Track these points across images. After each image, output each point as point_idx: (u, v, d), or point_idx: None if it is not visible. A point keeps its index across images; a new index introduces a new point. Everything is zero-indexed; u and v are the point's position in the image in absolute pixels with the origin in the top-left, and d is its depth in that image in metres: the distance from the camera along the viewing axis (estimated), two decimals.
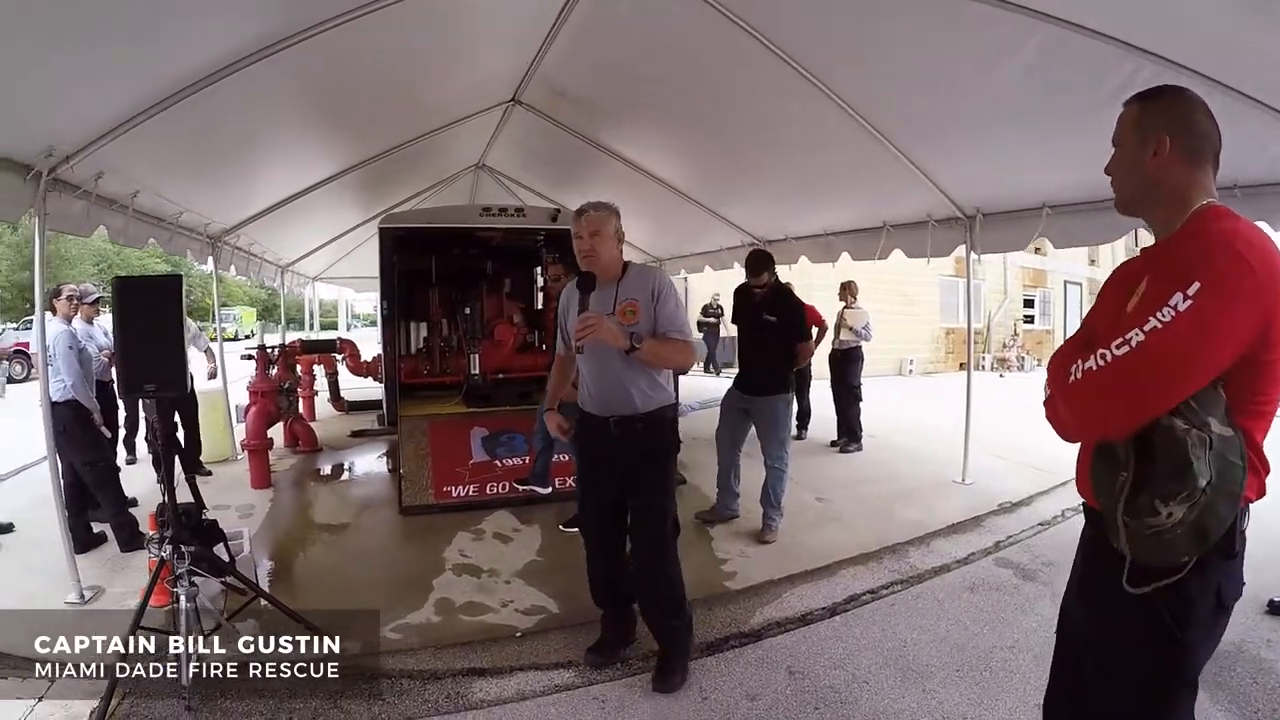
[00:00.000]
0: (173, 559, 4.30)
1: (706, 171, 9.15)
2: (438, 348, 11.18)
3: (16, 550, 6.72)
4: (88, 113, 5.12)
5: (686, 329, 4.15)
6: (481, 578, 5.78)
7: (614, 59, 6.84)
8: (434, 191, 11.97)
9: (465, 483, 7.88)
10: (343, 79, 6.39)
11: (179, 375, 4.48)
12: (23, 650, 4.54)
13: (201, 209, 8.38)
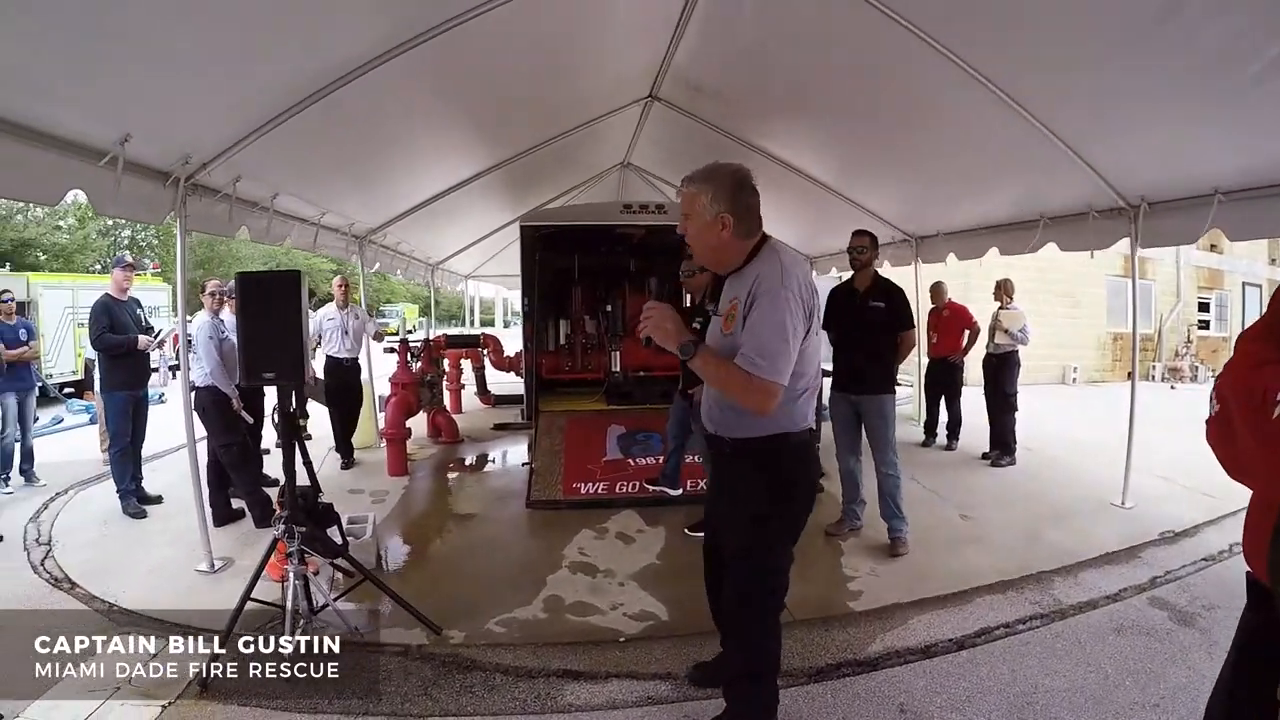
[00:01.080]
0: (285, 538, 4.54)
1: (849, 164, 8.73)
2: (580, 344, 11.17)
3: (162, 520, 7.32)
4: (222, 121, 5.42)
5: (769, 361, 2.92)
6: (596, 578, 5.63)
7: (745, 51, 6.57)
8: (581, 189, 12.00)
9: (596, 480, 7.76)
10: (476, 78, 6.41)
11: (297, 365, 4.57)
12: (149, 610, 5.30)
13: (344, 210, 8.70)
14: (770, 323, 2.94)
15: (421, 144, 7.80)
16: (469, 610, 5.07)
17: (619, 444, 8.57)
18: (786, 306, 2.95)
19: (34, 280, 17.95)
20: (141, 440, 7.89)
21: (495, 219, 12.39)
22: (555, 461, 8.23)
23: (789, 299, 2.97)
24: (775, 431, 3.18)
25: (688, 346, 3.06)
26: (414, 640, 4.70)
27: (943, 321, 9.92)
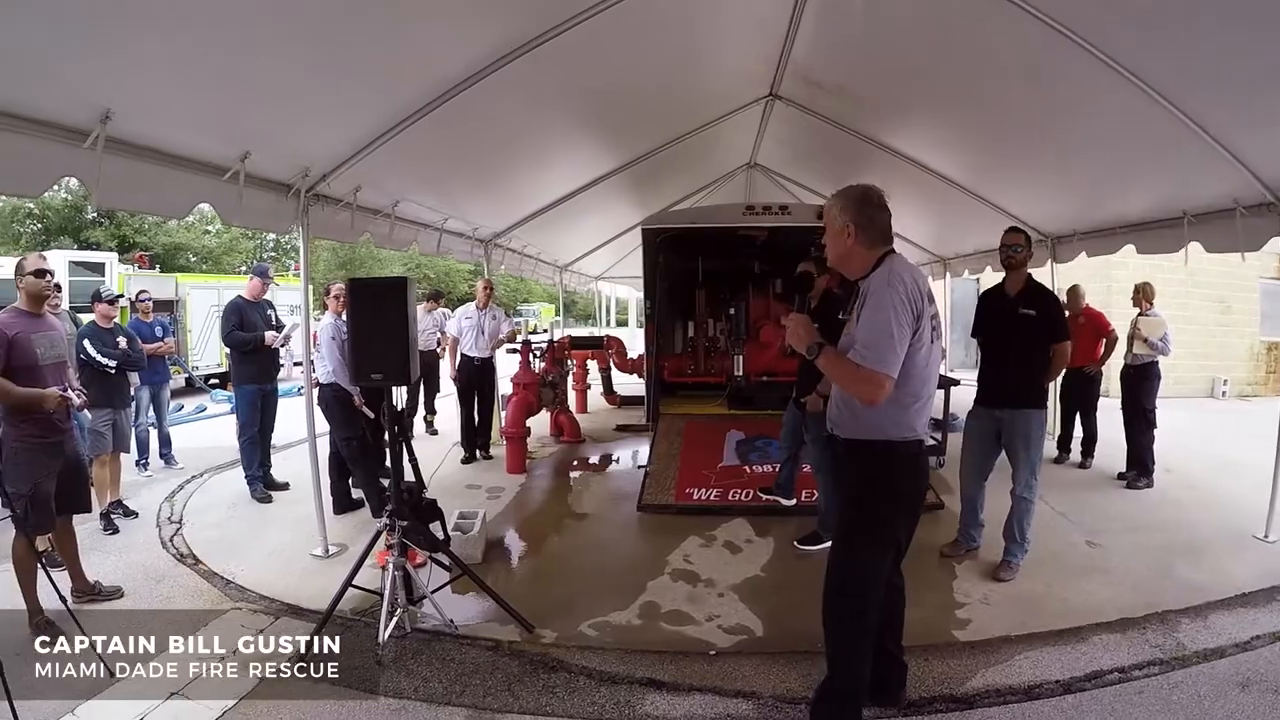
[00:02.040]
0: (388, 530, 4.74)
1: (980, 161, 8.25)
2: (702, 347, 11.07)
3: (286, 506, 7.79)
4: (340, 134, 5.72)
5: (874, 351, 3.24)
6: (696, 587, 5.52)
7: (863, 44, 6.33)
8: (708, 191, 11.82)
9: (709, 486, 7.63)
10: (594, 80, 6.41)
11: (404, 366, 4.73)
12: (262, 589, 5.68)
13: (468, 215, 8.90)
14: (876, 318, 3.25)
15: (543, 147, 7.86)
16: (565, 611, 5.09)
17: (737, 450, 8.48)
18: (890, 304, 3.24)
19: (182, 280, 19.23)
20: (270, 430, 8.35)
21: (623, 220, 12.32)
22: (670, 465, 8.20)
23: (893, 298, 3.26)
24: (883, 437, 3.44)
25: (814, 347, 3.45)
26: (506, 637, 4.76)
27: (1079, 329, 9.01)
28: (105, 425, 7.24)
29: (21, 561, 4.97)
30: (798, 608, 4.84)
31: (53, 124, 3.99)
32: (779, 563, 5.96)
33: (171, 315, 16.08)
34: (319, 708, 4.10)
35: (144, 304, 9.52)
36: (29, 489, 4.92)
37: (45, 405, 4.93)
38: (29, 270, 5.10)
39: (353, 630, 4.92)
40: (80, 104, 4.04)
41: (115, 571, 6.03)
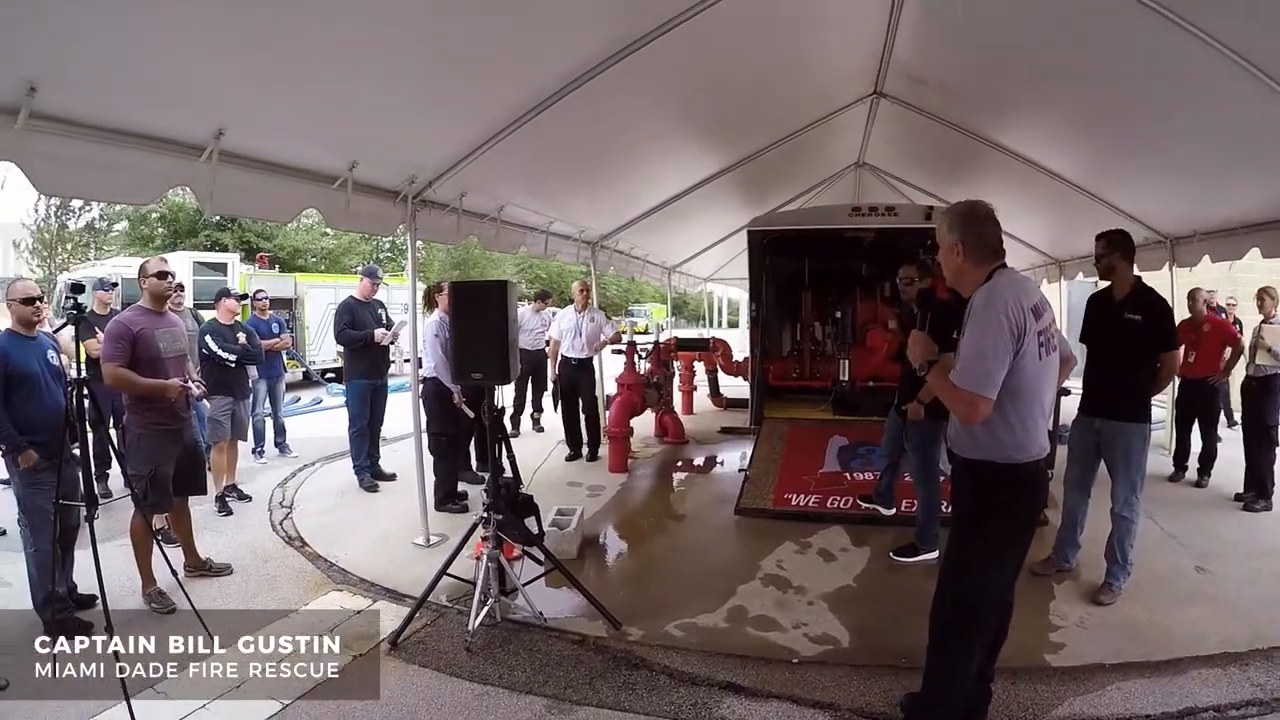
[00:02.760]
0: (484, 523, 4.92)
1: (1095, 158, 7.81)
2: (808, 351, 10.95)
3: (392, 496, 8.09)
4: (444, 143, 5.98)
5: (969, 372, 3.19)
6: (786, 593, 5.47)
7: (966, 38, 6.05)
8: (817, 191, 11.63)
9: (808, 492, 7.54)
10: (696, 81, 6.42)
11: (504, 367, 4.90)
12: (363, 572, 5.99)
13: (574, 217, 9.08)
14: (972, 339, 3.21)
15: (648, 149, 7.90)
16: (653, 610, 5.13)
17: (838, 456, 8.38)
18: (987, 325, 3.17)
19: (300, 280, 20.39)
20: (379, 423, 8.69)
21: (731, 222, 12.23)
22: (771, 469, 8.14)
23: (990, 317, 3.18)
24: (998, 458, 3.33)
25: (924, 365, 3.55)
26: (592, 632, 4.84)
27: (1202, 336, 8.53)
28: (224, 414, 7.69)
29: (139, 537, 5.36)
30: (887, 621, 4.79)
31: (169, 140, 4.33)
32: (873, 573, 5.85)
33: (290, 313, 16.81)
34: (407, 686, 4.30)
35: (261, 302, 10.03)
36: (149, 471, 5.28)
37: (167, 395, 5.31)
38: (152, 272, 5.52)
39: (445, 617, 5.14)
40: (196, 122, 4.38)
41: (226, 550, 6.41)
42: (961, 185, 9.25)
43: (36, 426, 4.95)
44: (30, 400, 5.00)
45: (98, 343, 6.17)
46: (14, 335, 5.08)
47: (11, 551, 5.99)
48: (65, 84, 3.65)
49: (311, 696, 4.20)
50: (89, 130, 3.97)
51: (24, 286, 5.27)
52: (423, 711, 4.06)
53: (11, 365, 4.95)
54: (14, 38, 3.27)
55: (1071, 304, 14.36)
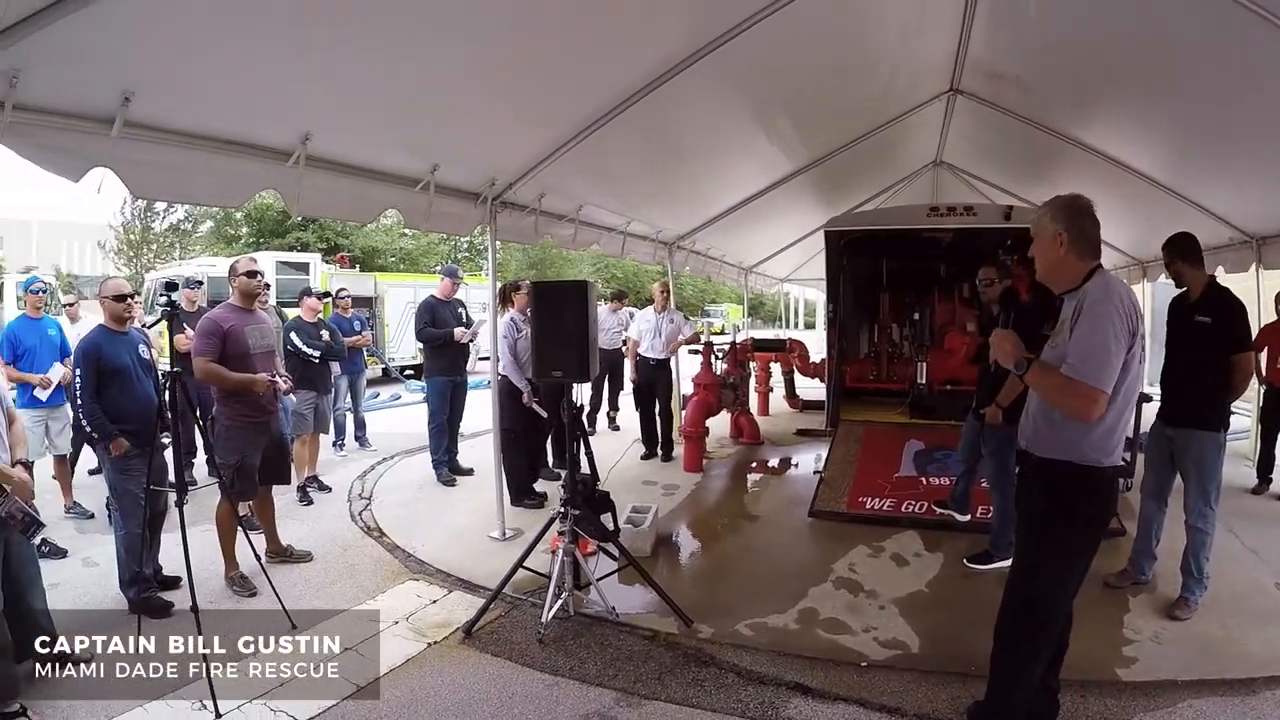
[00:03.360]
0: (561, 517, 5.03)
1: (1176, 154, 7.48)
2: (885, 353, 10.84)
3: (469, 490, 8.33)
4: (523, 146, 6.13)
5: (1091, 365, 3.09)
6: (858, 597, 5.44)
7: (1043, 31, 5.88)
8: (894, 191, 11.50)
9: (883, 495, 7.48)
10: (773, 81, 6.43)
11: (583, 365, 5.00)
12: (439, 563, 6.17)
13: (650, 218, 9.14)
14: (1093, 332, 3.13)
15: (724, 150, 7.89)
16: (725, 609, 5.16)
17: (914, 460, 8.29)
18: (1110, 319, 3.13)
19: (380, 279, 20.86)
20: (458, 420, 8.90)
21: (808, 222, 12.11)
22: (846, 472, 8.10)
23: (1112, 313, 3.14)
24: (1079, 460, 3.28)
25: (1022, 363, 3.36)
26: (664, 628, 4.89)
27: None
28: (308, 408, 7.99)
29: (224, 523, 5.60)
30: (958, 627, 4.74)
31: (257, 145, 4.55)
32: (945, 579, 5.78)
33: (370, 311, 17.18)
34: (480, 674, 4.43)
35: (343, 300, 10.34)
36: (236, 461, 5.51)
37: (255, 389, 5.52)
38: (242, 271, 5.76)
39: (519, 609, 5.26)
40: (283, 128, 4.58)
41: (307, 538, 6.64)
42: (1041, 183, 9.04)
43: (128, 416, 5.21)
44: (122, 392, 5.25)
45: (187, 338, 6.42)
46: (106, 331, 5.34)
47: (99, 534, 6.32)
48: (158, 93, 3.84)
49: (386, 680, 4.35)
50: (180, 136, 4.18)
51: (116, 284, 5.53)
52: (494, 698, 4.16)
53: (104, 359, 5.20)
54: (110, 49, 3.45)
55: (1155, 306, 13.97)
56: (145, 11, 3.29)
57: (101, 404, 5.19)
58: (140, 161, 4.01)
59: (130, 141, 3.87)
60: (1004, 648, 3.49)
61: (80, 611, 5.32)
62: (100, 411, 5.18)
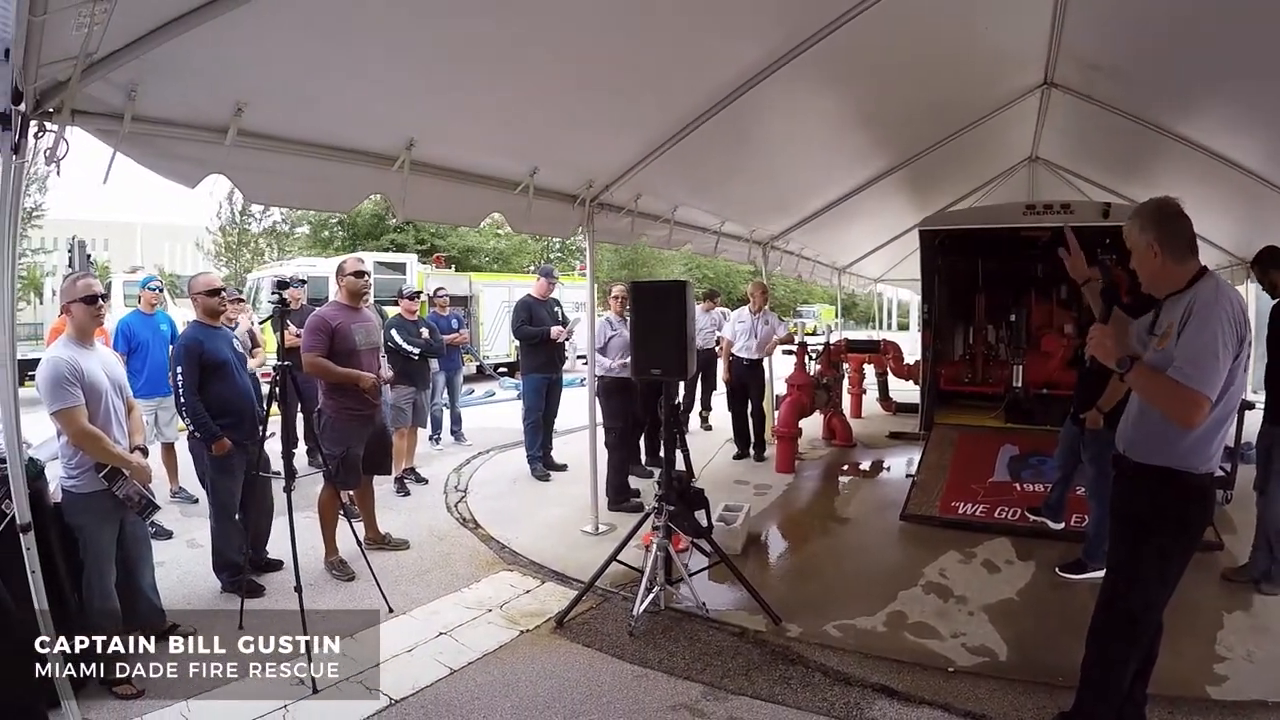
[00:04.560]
0: (656, 513, 5.10)
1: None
2: (981, 355, 10.65)
3: (563, 486, 8.52)
4: (619, 149, 6.26)
5: (1197, 370, 3.00)
6: (947, 602, 5.39)
7: (1140, 18, 5.70)
8: (988, 189, 11.17)
9: (976, 501, 7.36)
10: (863, 79, 6.40)
11: (681, 364, 5.09)
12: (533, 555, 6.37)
13: (744, 218, 9.17)
14: (1202, 337, 3.04)
15: (816, 149, 7.88)
16: (813, 609, 5.19)
17: (1009, 466, 8.16)
18: (1219, 324, 3.04)
19: (475, 279, 21.57)
20: (553, 416, 9.07)
21: (901, 222, 11.99)
22: (939, 476, 8.02)
23: (1222, 318, 3.06)
24: (1181, 466, 3.21)
25: (1124, 361, 3.21)
26: (752, 625, 4.94)
27: None
28: (406, 403, 8.29)
29: (326, 510, 5.87)
30: (1047, 637, 4.68)
31: (364, 152, 4.78)
32: (1036, 588, 5.67)
33: (465, 310, 17.57)
34: (570, 663, 4.54)
35: (441, 299, 10.67)
36: (341, 451, 5.75)
37: (361, 384, 5.73)
38: (349, 271, 6.02)
39: (610, 601, 5.37)
40: (388, 135, 4.80)
41: (404, 528, 6.88)
42: (1140, 179, 8.83)
43: (230, 409, 5.49)
44: (225, 385, 5.52)
45: (293, 334, 6.69)
46: (202, 325, 5.60)
47: (202, 518, 6.60)
48: (269, 103, 4.08)
49: (479, 665, 4.50)
50: (291, 144, 4.43)
51: (207, 279, 5.78)
52: (584, 686, 4.26)
53: (206, 353, 5.46)
54: (222, 63, 3.66)
55: (1259, 308, 13.38)
56: (256, 26, 3.47)
57: (205, 398, 5.44)
58: (253, 168, 4.27)
59: (243, 150, 4.12)
60: (1095, 653, 3.46)
61: (183, 589, 5.67)
62: (203, 408, 5.42)
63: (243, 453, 5.47)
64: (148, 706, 4.11)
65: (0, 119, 3.18)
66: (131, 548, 4.54)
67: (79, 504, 4.21)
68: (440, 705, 4.10)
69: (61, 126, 3.35)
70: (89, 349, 4.33)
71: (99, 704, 4.08)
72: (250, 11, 3.30)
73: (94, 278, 4.70)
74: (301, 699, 4.15)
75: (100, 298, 4.41)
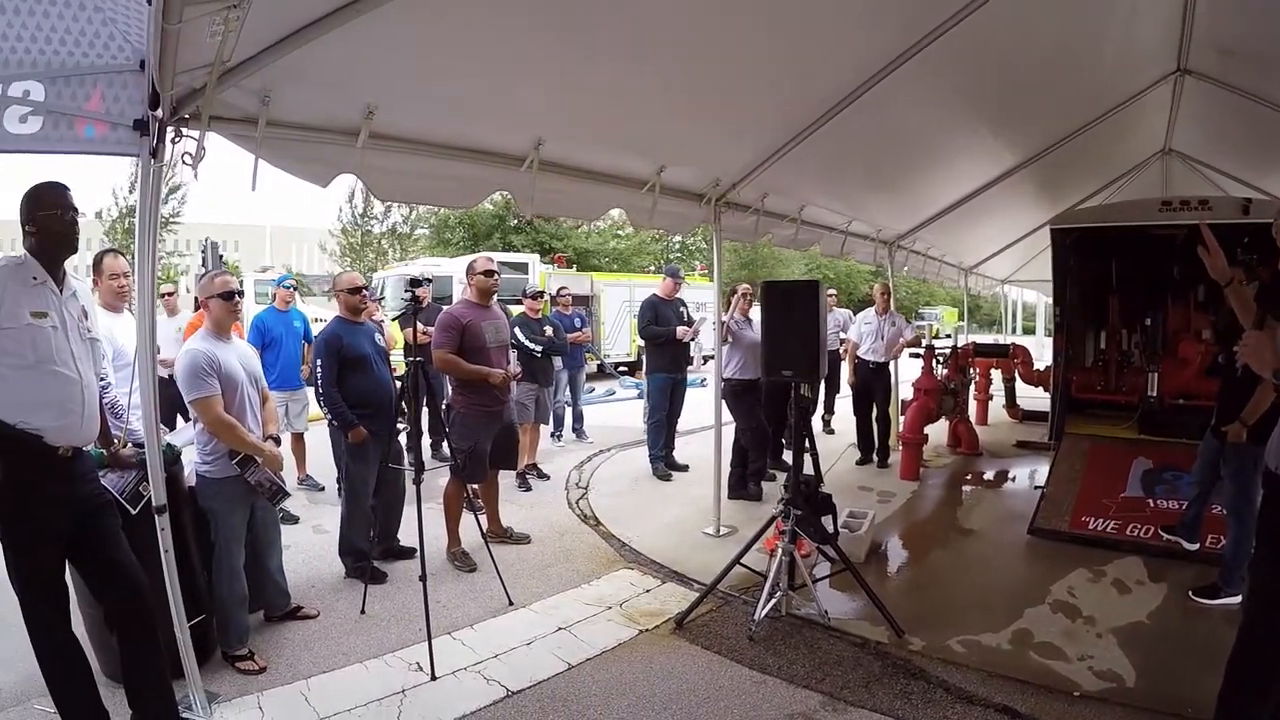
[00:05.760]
0: (782, 517, 5.06)
1: None
2: (1114, 362, 10.20)
3: (684, 486, 8.58)
4: (745, 148, 6.29)
5: None
6: (1075, 622, 5.19)
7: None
8: (1119, 185, 10.72)
9: (1107, 516, 7.06)
10: (988, 72, 6.23)
11: (813, 365, 5.06)
12: (653, 554, 6.45)
13: (871, 217, 9.10)
14: None
15: (940, 146, 7.74)
16: (936, 622, 5.09)
17: (1142, 480, 7.81)
18: None
19: (596, 279, 21.87)
20: (676, 416, 9.14)
21: (1029, 220, 11.66)
22: (1069, 489, 7.75)
23: None
24: None
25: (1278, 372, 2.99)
26: (874, 636, 4.88)
27: None
28: (530, 399, 8.53)
29: (451, 502, 6.10)
30: (1178, 666, 4.48)
31: (493, 151, 4.94)
32: (1168, 612, 5.39)
33: (587, 309, 17.81)
34: (689, 664, 4.57)
35: (564, 298, 10.94)
36: (469, 446, 5.92)
37: (491, 380, 5.89)
38: (479, 270, 6.19)
39: (730, 604, 5.37)
40: (518, 135, 4.94)
41: (525, 522, 7.05)
42: None
43: (368, 400, 5.73)
44: (364, 378, 5.77)
45: (423, 332, 6.93)
46: (343, 322, 5.87)
47: (328, 505, 6.94)
48: (399, 105, 4.24)
49: (597, 662, 4.57)
50: (421, 145, 4.61)
51: (350, 278, 6.07)
52: (702, 689, 4.27)
53: (345, 348, 5.72)
54: (352, 68, 3.82)
55: None
56: (385, 32, 3.60)
57: (343, 390, 5.70)
58: (384, 168, 4.46)
59: (374, 151, 4.29)
60: (1233, 683, 3.25)
61: (308, 572, 5.94)
62: (341, 399, 5.69)
63: (378, 443, 5.68)
64: (269, 682, 4.31)
65: (139, 125, 3.39)
66: (261, 532, 4.81)
67: (212, 488, 4.47)
68: (556, 700, 4.16)
69: (200, 132, 3.55)
70: (226, 342, 4.60)
71: (221, 677, 4.31)
72: (379, 17, 3.43)
73: (230, 275, 4.97)
74: (419, 685, 4.28)
75: (237, 294, 4.69)
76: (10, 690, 4.16)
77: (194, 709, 3.85)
